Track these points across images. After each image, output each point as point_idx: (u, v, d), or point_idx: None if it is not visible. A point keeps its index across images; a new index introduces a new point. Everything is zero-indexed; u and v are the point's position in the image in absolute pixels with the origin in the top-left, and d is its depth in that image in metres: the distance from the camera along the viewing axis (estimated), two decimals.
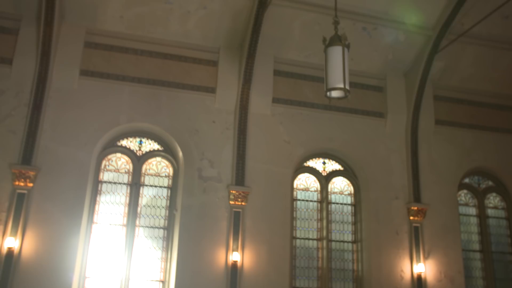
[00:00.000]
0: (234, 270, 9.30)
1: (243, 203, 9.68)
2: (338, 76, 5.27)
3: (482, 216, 11.68)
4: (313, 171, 10.89)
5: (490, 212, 11.83)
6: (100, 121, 9.55)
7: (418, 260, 10.33)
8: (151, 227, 9.73)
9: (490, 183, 12.04)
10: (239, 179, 9.78)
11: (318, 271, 10.31)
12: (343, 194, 10.94)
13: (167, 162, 10.18)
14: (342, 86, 5.24)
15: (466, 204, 11.70)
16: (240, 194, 9.69)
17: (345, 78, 5.27)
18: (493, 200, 11.96)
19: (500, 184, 12.02)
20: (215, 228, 9.53)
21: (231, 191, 9.67)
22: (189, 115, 10.06)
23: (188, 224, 9.46)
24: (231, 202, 9.66)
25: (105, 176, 9.80)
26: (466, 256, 11.16)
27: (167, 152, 10.17)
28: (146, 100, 9.91)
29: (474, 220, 11.63)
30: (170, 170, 10.14)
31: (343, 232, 10.68)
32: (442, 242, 10.70)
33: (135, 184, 9.83)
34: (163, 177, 10.09)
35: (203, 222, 9.51)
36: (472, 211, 11.70)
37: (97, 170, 9.71)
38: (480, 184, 11.98)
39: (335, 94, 5.41)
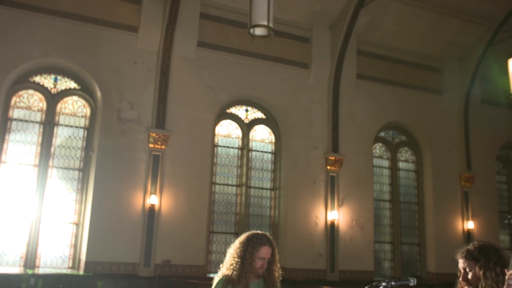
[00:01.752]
0: (151, 213, 9.22)
1: (163, 147, 9.51)
2: (262, 13, 5.17)
3: (393, 169, 12.32)
4: (235, 118, 10.88)
5: (401, 165, 12.49)
6: (9, 54, 8.86)
7: (333, 208, 10.75)
8: (66, 168, 9.37)
9: (403, 137, 12.65)
10: (160, 122, 9.57)
11: (236, 216, 10.46)
12: (264, 142, 11.06)
13: (84, 102, 9.73)
14: (265, 23, 5.15)
15: (380, 157, 12.26)
16: (160, 137, 9.49)
17: (269, 16, 5.18)
18: (404, 154, 12.61)
19: (412, 139, 12.66)
20: (133, 171, 9.34)
21: (151, 134, 9.45)
22: (109, 54, 9.60)
23: (105, 166, 9.19)
24: (151, 145, 9.47)
25: (15, 113, 9.22)
26: (376, 205, 11.78)
27: (85, 91, 9.71)
28: (63, 35, 9.32)
29: (386, 172, 12.24)
30: (87, 110, 9.72)
31: (262, 179, 10.86)
32: (355, 191, 11.18)
33: (49, 123, 9.35)
34: (80, 117, 9.66)
35: (121, 165, 9.27)
36: (385, 163, 12.29)
37: (6, 106, 9.10)
38: (394, 138, 12.56)
39: (258, 31, 5.32)
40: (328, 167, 10.92)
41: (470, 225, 12.14)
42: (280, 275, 3.26)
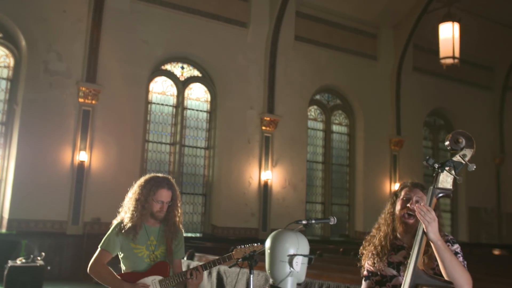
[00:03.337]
0: (80, 170, 8.92)
1: (93, 102, 9.14)
2: None
3: (327, 131, 12.55)
4: (170, 75, 10.61)
5: (334, 128, 12.75)
6: None
7: (266, 168, 10.84)
8: None
9: (338, 101, 12.87)
10: (91, 76, 9.16)
11: (169, 175, 10.29)
12: (199, 100, 10.89)
13: (7, 51, 9.14)
14: None
15: (315, 119, 12.44)
16: (90, 91, 9.11)
17: None
18: (338, 117, 12.86)
19: (346, 102, 12.90)
20: (62, 126, 8.94)
21: (81, 88, 9.04)
22: (36, 1, 9.01)
23: (30, 120, 8.74)
24: (81, 100, 9.07)
25: None
26: (309, 167, 12.01)
27: (8, 39, 9.10)
28: None
29: (320, 134, 12.45)
30: (10, 60, 9.14)
31: (196, 138, 10.75)
32: (289, 152, 11.31)
33: None
34: (2, 68, 9.08)
35: (48, 119, 8.84)
36: (319, 125, 12.50)
37: None
38: (329, 102, 12.75)
39: None
40: (263, 128, 10.95)
41: (397, 187, 12.63)
42: (182, 221, 3.16)
